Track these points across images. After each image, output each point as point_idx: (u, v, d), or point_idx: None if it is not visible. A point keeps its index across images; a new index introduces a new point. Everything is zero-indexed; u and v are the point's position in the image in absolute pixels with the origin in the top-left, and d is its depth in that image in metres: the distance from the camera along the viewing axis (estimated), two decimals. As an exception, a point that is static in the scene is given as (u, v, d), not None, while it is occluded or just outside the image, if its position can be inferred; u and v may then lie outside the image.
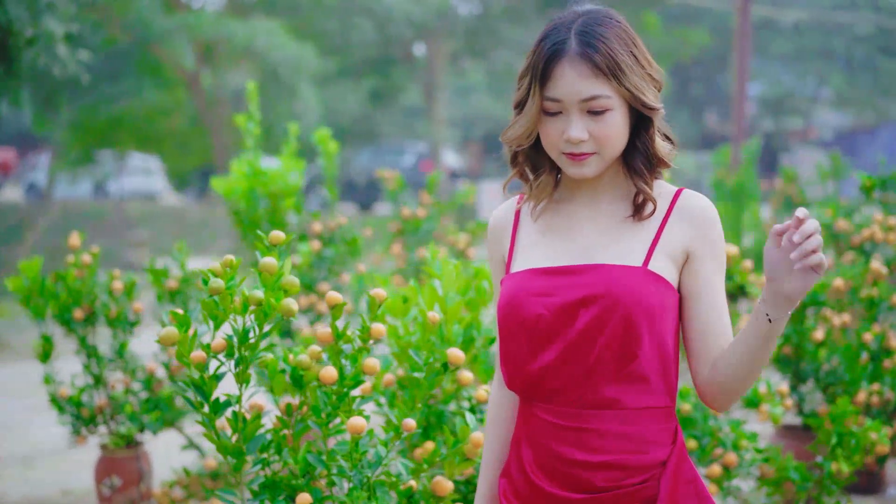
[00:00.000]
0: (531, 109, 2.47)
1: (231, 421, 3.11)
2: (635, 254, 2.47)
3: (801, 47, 37.94)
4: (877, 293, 5.87)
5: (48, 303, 5.55)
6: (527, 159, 2.62)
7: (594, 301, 2.42)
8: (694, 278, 2.49)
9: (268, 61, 20.77)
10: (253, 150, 6.49)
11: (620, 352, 2.41)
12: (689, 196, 2.53)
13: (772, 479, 4.70)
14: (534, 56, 2.48)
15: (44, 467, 7.42)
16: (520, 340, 2.52)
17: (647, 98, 2.46)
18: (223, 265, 3.02)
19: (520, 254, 2.63)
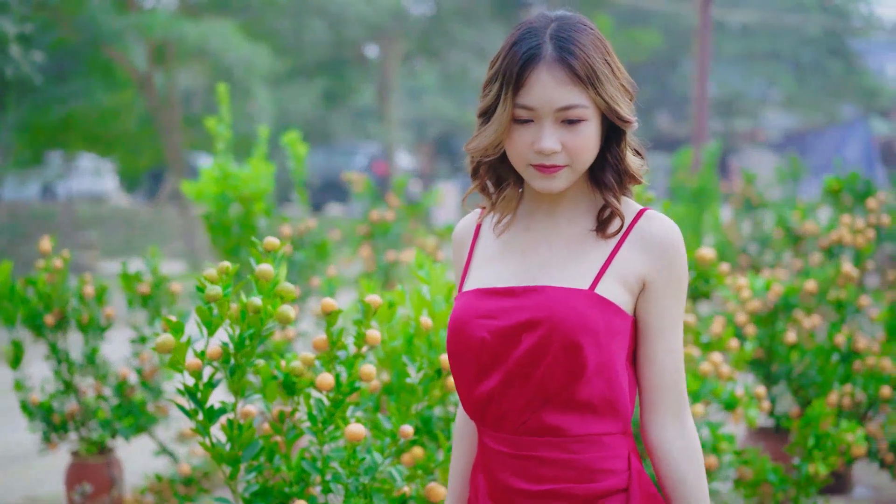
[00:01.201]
0: (501, 117, 2.35)
1: (226, 429, 3.08)
2: (583, 276, 2.36)
3: (749, 49, 38.25)
4: (845, 295, 5.94)
5: (18, 308, 5.48)
6: (490, 171, 2.51)
7: (536, 325, 2.33)
8: (649, 311, 2.40)
9: (221, 62, 20.67)
10: (223, 153, 6.44)
11: (563, 378, 2.32)
12: (652, 219, 2.41)
13: (749, 482, 4.74)
14: (504, 61, 2.36)
15: (10, 473, 7.33)
16: (466, 364, 2.44)
17: (622, 109, 2.37)
18: (219, 272, 3.00)
19: (473, 271, 2.54)
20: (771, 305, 5.85)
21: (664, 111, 42.60)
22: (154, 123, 22.27)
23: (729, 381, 4.78)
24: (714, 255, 5.11)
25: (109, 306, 5.79)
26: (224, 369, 3.08)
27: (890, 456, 5.36)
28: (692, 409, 4.53)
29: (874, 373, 5.48)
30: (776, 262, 10.35)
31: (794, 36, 37.64)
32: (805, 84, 38.00)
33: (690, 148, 15.70)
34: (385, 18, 26.01)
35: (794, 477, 4.67)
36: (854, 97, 38.87)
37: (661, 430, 2.39)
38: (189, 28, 19.76)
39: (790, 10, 37.09)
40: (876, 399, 5.50)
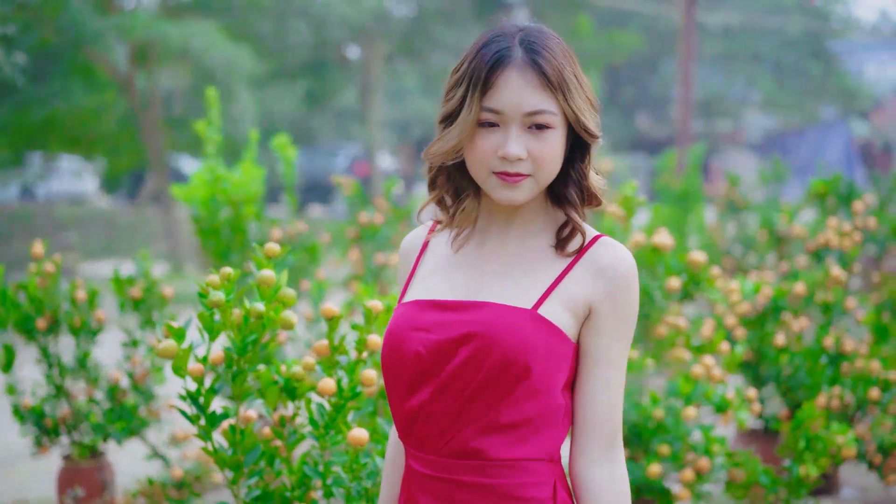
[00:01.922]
0: (466, 120, 2.26)
1: (228, 434, 3.10)
2: (528, 295, 2.29)
3: (730, 50, 38.40)
4: (832, 298, 5.99)
5: (9, 312, 5.48)
6: (448, 181, 2.42)
7: (471, 340, 2.25)
8: (590, 340, 2.31)
9: (203, 63, 20.63)
10: (214, 157, 6.45)
11: (492, 398, 2.24)
12: (606, 246, 2.33)
13: (741, 483, 4.78)
14: (471, 64, 2.28)
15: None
16: (399, 378, 2.35)
17: (590, 123, 2.32)
18: (222, 278, 3.02)
19: (416, 283, 2.46)
20: (760, 308, 5.90)
21: (644, 112, 42.72)
22: (135, 125, 22.21)
23: (720, 384, 4.83)
24: (705, 259, 5.15)
25: (100, 310, 5.79)
26: (227, 374, 3.09)
27: (878, 457, 5.41)
28: (685, 412, 4.58)
29: (863, 375, 5.53)
30: (760, 264, 10.42)
31: (774, 37, 37.82)
32: (785, 85, 38.18)
33: (675, 150, 15.76)
34: (367, 20, 26.01)
35: (784, 479, 4.71)
36: (834, 98, 39.09)
37: (587, 466, 2.31)
38: (171, 29, 19.72)
39: (770, 11, 37.26)
40: (864, 401, 5.55)
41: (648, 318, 5.30)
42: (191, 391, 3.07)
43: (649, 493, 4.64)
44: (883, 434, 5.39)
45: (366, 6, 25.45)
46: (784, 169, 13.08)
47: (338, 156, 33.27)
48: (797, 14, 37.18)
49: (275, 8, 24.58)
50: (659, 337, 5.19)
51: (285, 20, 24.79)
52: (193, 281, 3.11)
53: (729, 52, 38.46)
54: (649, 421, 4.64)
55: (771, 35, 37.77)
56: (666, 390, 4.79)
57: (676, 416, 4.64)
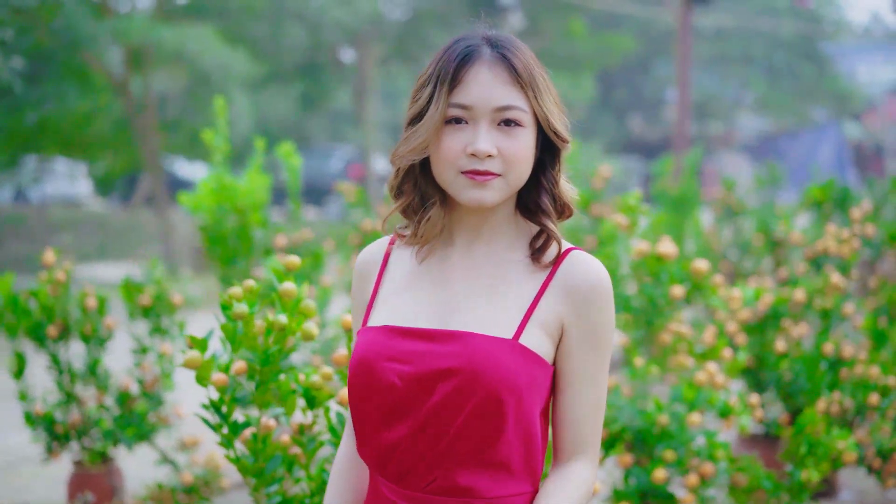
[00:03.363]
0: (433, 117, 2.20)
1: (250, 442, 3.17)
2: (507, 322, 2.22)
3: (723, 52, 38.52)
4: (830, 304, 6.08)
5: (20, 320, 5.54)
6: (415, 189, 2.34)
7: (453, 375, 2.17)
8: (565, 360, 2.26)
9: (198, 66, 20.66)
10: (220, 165, 6.52)
11: (480, 435, 2.17)
12: (576, 263, 2.27)
13: (744, 488, 4.86)
14: (438, 63, 2.25)
15: (4, 480, 7.37)
16: (370, 409, 2.26)
17: (559, 126, 2.28)
18: (245, 290, 3.10)
19: (380, 304, 2.37)
20: (760, 315, 5.99)
21: (637, 114, 42.81)
22: (130, 127, 22.24)
23: (722, 391, 4.90)
24: (708, 267, 5.23)
25: (109, 316, 5.86)
26: (249, 384, 3.17)
27: (877, 461, 5.48)
28: (689, 418, 4.65)
29: (862, 380, 5.61)
30: (756, 268, 10.50)
31: (766, 39, 37.95)
32: (777, 87, 38.30)
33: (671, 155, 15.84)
34: (362, 23, 26.05)
35: (786, 483, 4.78)
36: (826, 100, 39.24)
37: (568, 468, 2.29)
38: (166, 33, 19.74)
39: (763, 13, 37.38)
40: (863, 406, 5.63)
41: (652, 326, 5.38)
42: (214, 401, 3.14)
43: (654, 498, 4.71)
44: (882, 438, 5.46)
45: (360, 9, 25.49)
46: (779, 174, 13.19)
47: (332, 158, 33.32)
48: (789, 16, 37.30)
49: (270, 11, 24.62)
50: (662, 344, 5.27)
51: (280, 23, 24.83)
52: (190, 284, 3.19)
53: (721, 55, 38.59)
54: (654, 427, 4.70)
55: (763, 37, 37.91)
56: (670, 396, 4.86)
57: (680, 422, 4.71)
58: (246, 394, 3.21)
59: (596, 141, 34.61)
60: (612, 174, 9.61)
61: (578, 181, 10.02)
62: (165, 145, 23.68)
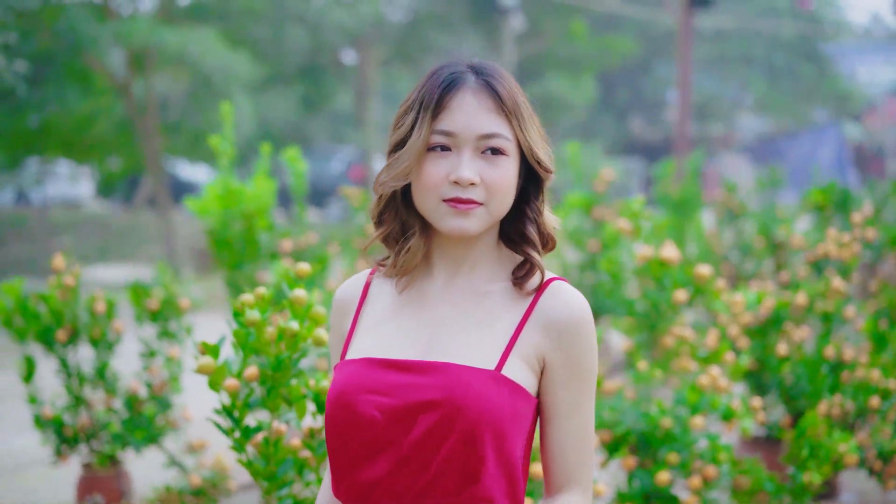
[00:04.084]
0: (416, 144, 2.17)
1: (262, 446, 3.23)
2: (488, 353, 2.18)
3: (722, 53, 38.55)
4: (832, 308, 6.13)
5: (30, 324, 5.60)
6: (396, 218, 2.30)
7: (434, 408, 2.13)
8: (548, 393, 2.24)
9: (200, 69, 20.71)
10: (227, 169, 6.57)
11: (461, 471, 2.13)
12: (556, 294, 2.24)
13: (746, 490, 4.91)
14: (422, 90, 2.22)
15: (11, 482, 7.41)
16: (349, 444, 2.20)
17: (543, 155, 2.26)
18: (256, 297, 3.16)
19: (359, 337, 2.32)
20: (762, 319, 6.04)
21: (637, 115, 42.84)
22: (132, 129, 22.29)
23: (725, 394, 4.95)
24: (711, 272, 5.29)
25: (117, 320, 5.91)
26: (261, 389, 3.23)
27: (878, 464, 5.52)
28: (692, 421, 4.70)
29: (863, 383, 5.66)
30: (757, 271, 10.56)
31: (766, 40, 37.97)
32: (778, 88, 38.32)
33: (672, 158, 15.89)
34: (363, 25, 26.11)
35: (789, 485, 4.84)
36: (826, 101, 39.27)
37: (547, 501, 2.26)
38: (169, 35, 19.80)
39: (763, 14, 37.42)
40: (864, 409, 5.68)
41: (655, 330, 5.44)
42: (226, 405, 3.20)
43: (658, 501, 4.76)
44: (883, 441, 5.51)
45: (362, 12, 25.55)
46: (780, 177, 13.25)
47: (333, 159, 33.39)
48: (790, 17, 37.34)
49: (271, 14, 24.68)
50: (666, 347, 5.33)
51: (281, 26, 24.88)
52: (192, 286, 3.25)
53: (721, 56, 38.61)
54: (657, 430, 4.75)
55: (763, 38, 37.93)
56: (673, 400, 4.92)
57: (684, 424, 4.76)
58: (257, 398, 3.27)
59: (596, 142, 34.64)
60: (613, 177, 9.67)
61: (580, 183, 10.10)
62: (167, 147, 23.73)
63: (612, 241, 7.33)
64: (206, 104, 21.69)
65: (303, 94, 28.16)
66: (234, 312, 3.17)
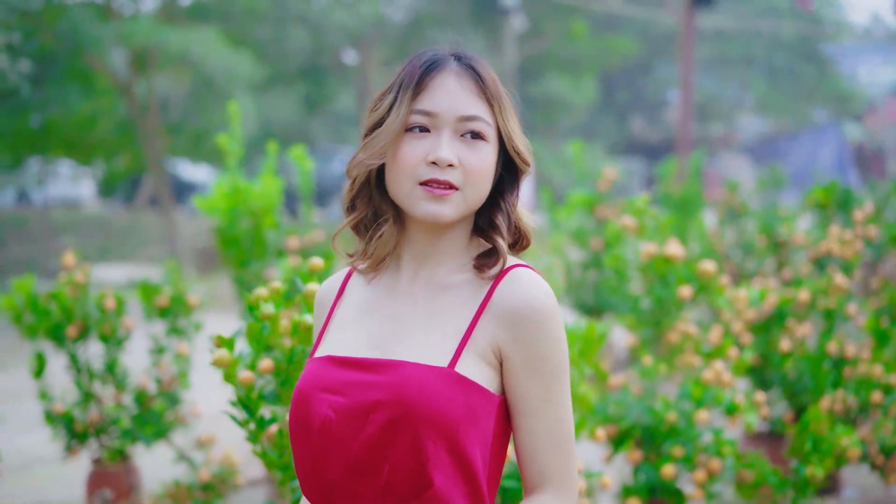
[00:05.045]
0: (393, 123, 2.11)
1: (276, 437, 3.28)
2: (443, 349, 2.09)
3: (723, 53, 38.60)
4: (834, 305, 6.18)
5: (41, 321, 5.65)
6: (368, 204, 2.23)
7: (384, 407, 2.05)
8: (510, 389, 2.13)
9: (202, 69, 20.77)
10: (234, 168, 6.63)
11: (412, 474, 2.04)
12: (513, 281, 2.14)
13: (750, 484, 4.97)
14: (402, 72, 2.18)
15: (20, 480, 7.46)
16: (308, 443, 2.14)
17: (522, 147, 2.22)
18: (270, 292, 3.21)
19: (329, 334, 2.27)
20: (765, 315, 6.10)
21: (638, 115, 42.89)
22: (134, 130, 22.34)
23: (729, 389, 5.01)
24: (715, 269, 5.35)
25: (127, 317, 5.96)
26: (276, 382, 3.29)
27: (880, 458, 5.57)
28: (696, 415, 4.76)
29: (865, 379, 5.71)
30: (759, 269, 10.60)
31: (767, 41, 38.01)
32: (778, 88, 38.36)
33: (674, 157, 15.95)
34: (364, 26, 26.18)
35: (792, 479, 4.89)
36: (827, 101, 39.31)
37: None
38: (171, 36, 19.85)
39: (763, 14, 37.47)
40: (866, 404, 5.73)
41: (660, 326, 5.50)
42: (241, 397, 3.25)
43: (663, 494, 4.82)
44: (885, 436, 5.55)
45: (363, 12, 25.63)
46: (781, 176, 13.31)
47: (335, 160, 33.42)
48: (790, 17, 37.38)
49: (273, 14, 24.76)
50: (670, 343, 5.38)
51: (283, 26, 24.97)
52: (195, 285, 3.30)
53: (722, 56, 38.66)
54: (662, 424, 4.80)
55: (764, 38, 37.98)
56: (677, 394, 4.97)
57: (688, 419, 4.81)
58: (272, 391, 3.32)
59: (597, 142, 34.72)
60: (616, 176, 9.73)
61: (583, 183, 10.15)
62: (169, 147, 23.78)
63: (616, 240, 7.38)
64: (208, 104, 21.76)
65: (304, 94, 28.24)
66: (249, 306, 3.22)
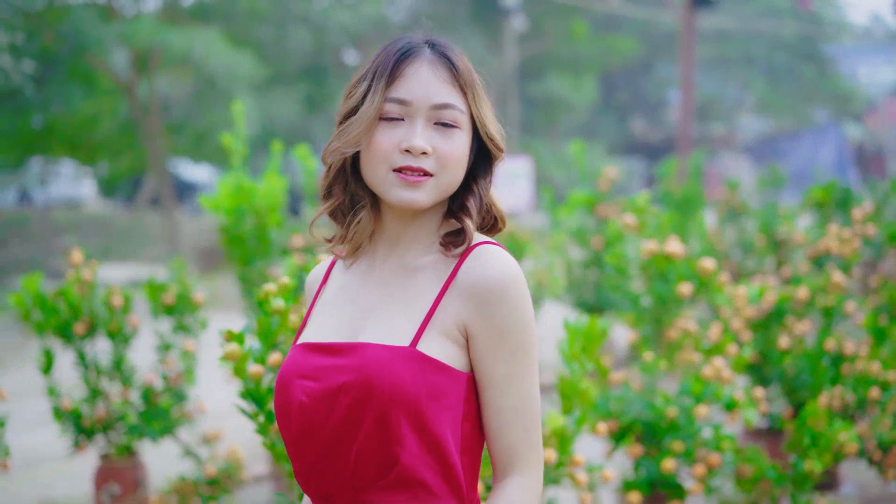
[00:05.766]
0: (368, 112, 2.13)
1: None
2: (406, 330, 2.11)
3: (723, 53, 38.65)
4: (833, 302, 6.25)
5: (49, 318, 5.72)
6: (345, 191, 2.25)
7: (350, 389, 2.07)
8: (476, 365, 2.13)
9: (204, 69, 20.83)
10: (239, 168, 6.70)
11: (379, 453, 2.07)
12: (477, 257, 2.14)
13: (749, 478, 5.03)
14: (376, 60, 2.20)
15: (25, 477, 7.54)
16: (289, 429, 2.18)
17: (495, 133, 2.23)
18: (279, 287, 3.28)
19: (311, 321, 2.30)
20: (765, 313, 6.16)
21: (639, 115, 42.95)
22: (136, 130, 22.40)
23: (728, 385, 5.07)
24: (714, 267, 5.42)
25: (133, 314, 6.02)
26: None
27: (878, 454, 5.62)
28: (696, 411, 4.82)
29: (863, 376, 5.77)
30: (759, 268, 10.67)
31: (767, 41, 38.06)
32: (778, 88, 38.42)
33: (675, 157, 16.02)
34: (365, 26, 26.24)
35: (790, 474, 4.95)
36: (827, 101, 39.38)
37: (497, 493, 2.16)
38: (173, 36, 19.91)
39: (763, 14, 37.52)
40: (864, 400, 5.79)
41: (660, 323, 5.57)
42: (251, 390, 3.32)
43: (663, 488, 4.89)
44: (882, 432, 5.61)
45: (364, 13, 25.72)
46: (781, 176, 13.38)
47: (335, 159, 33.50)
48: (790, 18, 37.44)
49: (274, 15, 24.84)
50: (670, 340, 5.45)
51: (285, 27, 25.05)
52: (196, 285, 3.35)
53: (722, 56, 38.72)
54: (662, 419, 4.86)
55: (764, 38, 38.02)
56: (678, 390, 5.03)
57: (688, 414, 4.87)
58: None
59: (598, 142, 34.78)
60: (617, 175, 9.79)
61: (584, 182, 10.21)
62: (171, 147, 23.84)
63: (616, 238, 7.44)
64: (210, 104, 21.82)
65: (306, 94, 28.31)
66: (258, 302, 3.29)
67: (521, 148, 30.36)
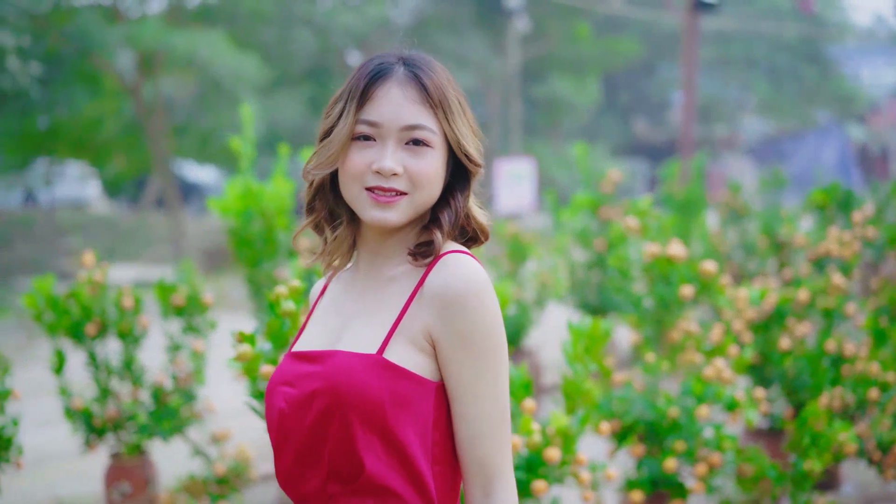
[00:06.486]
0: (341, 133, 2.17)
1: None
2: (374, 338, 2.15)
3: (726, 55, 38.63)
4: (833, 304, 6.32)
5: (60, 319, 5.80)
6: (325, 206, 2.30)
7: (320, 396, 2.12)
8: (445, 374, 2.16)
9: (209, 71, 20.88)
10: (247, 171, 6.77)
11: (347, 460, 2.11)
12: (443, 266, 2.17)
13: (750, 478, 5.10)
14: (350, 81, 2.23)
15: (35, 476, 7.60)
16: (273, 435, 2.24)
17: (471, 149, 2.24)
18: (290, 289, 3.36)
19: (304, 331, 2.36)
20: (766, 314, 6.23)
21: (641, 116, 42.94)
22: (141, 131, 22.46)
23: (729, 385, 5.14)
24: (716, 269, 5.49)
25: (143, 315, 6.09)
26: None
27: (877, 454, 5.68)
28: (697, 411, 4.89)
29: (862, 376, 5.83)
30: (760, 269, 10.73)
31: (769, 42, 38.03)
32: (781, 90, 38.36)
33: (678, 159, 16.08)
34: (370, 28, 26.28)
35: (790, 473, 5.02)
36: (830, 103, 39.30)
37: None
38: (178, 38, 19.96)
39: (766, 16, 37.51)
40: (864, 401, 5.85)
41: (662, 324, 5.64)
42: (261, 391, 3.40)
43: (665, 487, 4.96)
44: (882, 432, 5.66)
45: (368, 14, 25.75)
46: (783, 178, 13.44)
47: (337, 161, 33.56)
48: (793, 19, 37.42)
49: (279, 16, 24.88)
50: (672, 341, 5.52)
51: (289, 28, 25.08)
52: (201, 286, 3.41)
53: (725, 57, 38.68)
54: (664, 419, 4.93)
55: (767, 39, 38.00)
56: (679, 391, 5.10)
57: (690, 414, 4.93)
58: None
59: (601, 144, 34.81)
60: (620, 177, 9.86)
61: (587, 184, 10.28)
62: (175, 149, 23.89)
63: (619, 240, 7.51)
64: (214, 106, 21.87)
65: (310, 95, 28.36)
66: (269, 304, 3.37)
67: (523, 149, 30.43)
